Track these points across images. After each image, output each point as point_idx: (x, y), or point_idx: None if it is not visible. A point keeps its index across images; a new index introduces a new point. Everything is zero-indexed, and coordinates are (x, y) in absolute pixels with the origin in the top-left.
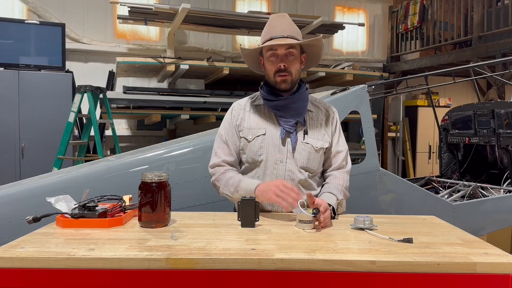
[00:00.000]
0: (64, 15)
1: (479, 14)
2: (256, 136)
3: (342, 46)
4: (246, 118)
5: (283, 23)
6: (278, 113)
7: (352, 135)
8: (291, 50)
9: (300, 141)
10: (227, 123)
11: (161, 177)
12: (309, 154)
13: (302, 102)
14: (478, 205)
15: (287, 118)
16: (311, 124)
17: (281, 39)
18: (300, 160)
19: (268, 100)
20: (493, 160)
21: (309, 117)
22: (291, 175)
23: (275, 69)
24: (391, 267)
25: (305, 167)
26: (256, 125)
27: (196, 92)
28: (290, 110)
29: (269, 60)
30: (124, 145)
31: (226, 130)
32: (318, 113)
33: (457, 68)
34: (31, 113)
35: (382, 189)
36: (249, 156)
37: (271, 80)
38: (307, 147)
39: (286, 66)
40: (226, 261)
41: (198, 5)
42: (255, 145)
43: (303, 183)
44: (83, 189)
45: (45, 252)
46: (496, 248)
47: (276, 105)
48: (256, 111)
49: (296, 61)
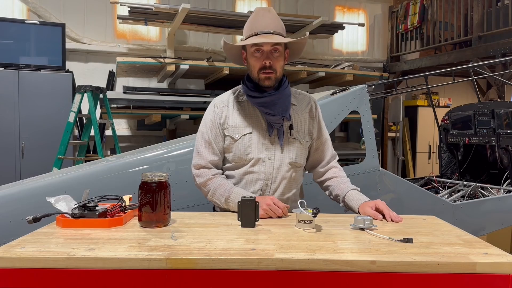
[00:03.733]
0: (64, 15)
1: (479, 14)
2: (243, 135)
3: (342, 46)
4: (230, 115)
5: (268, 18)
6: (264, 110)
7: (352, 135)
8: (276, 47)
9: (287, 137)
10: (209, 121)
11: (161, 177)
12: (296, 149)
13: (287, 97)
14: (478, 205)
15: (274, 114)
16: (295, 118)
17: (267, 36)
18: (288, 156)
19: (253, 97)
20: (493, 160)
21: (293, 111)
22: (279, 171)
23: (259, 65)
24: (391, 267)
25: (293, 162)
26: (242, 123)
27: (196, 92)
28: (276, 106)
29: (253, 56)
30: (124, 145)
31: (209, 128)
32: (300, 105)
33: (457, 68)
34: (31, 113)
35: (382, 189)
36: (236, 155)
37: (255, 76)
38: (295, 143)
39: (271, 63)
40: (226, 261)
41: (198, 5)
42: (242, 144)
43: (290, 177)
44: (83, 189)
45: (45, 252)
46: (496, 248)
47: (262, 102)
48: (240, 107)
49: (281, 57)
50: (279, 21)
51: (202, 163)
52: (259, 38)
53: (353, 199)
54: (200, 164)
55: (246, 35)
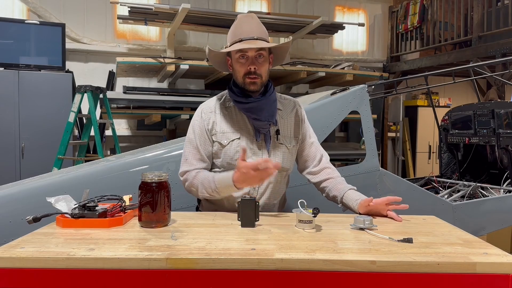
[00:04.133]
0: (64, 15)
1: (479, 14)
2: (231, 141)
3: (342, 46)
4: (218, 121)
5: (252, 24)
6: (251, 115)
7: (352, 135)
8: (261, 52)
9: (274, 142)
10: (197, 127)
11: (161, 177)
12: (283, 154)
13: (273, 102)
14: (478, 205)
15: (261, 120)
16: (282, 123)
17: (251, 41)
18: (275, 161)
19: (239, 102)
20: (493, 160)
21: (279, 116)
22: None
23: (244, 71)
24: (391, 267)
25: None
26: (230, 129)
27: (196, 92)
28: (263, 112)
29: (238, 62)
30: (124, 145)
31: (197, 134)
32: (286, 110)
33: (457, 68)
34: (31, 113)
35: (382, 189)
36: (225, 161)
37: (240, 81)
38: (281, 148)
39: (256, 68)
40: (226, 261)
41: (198, 5)
42: (231, 150)
43: (277, 182)
44: (83, 189)
45: (45, 252)
46: (496, 248)
47: (248, 108)
48: (227, 113)
49: (265, 62)
50: (262, 27)
51: (189, 169)
52: (244, 44)
53: (351, 199)
54: (186, 170)
55: (230, 42)
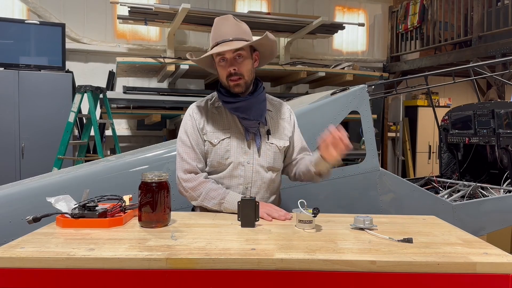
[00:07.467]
0: (64, 15)
1: (479, 14)
2: (221, 140)
3: (342, 46)
4: (208, 121)
5: (226, 26)
6: (240, 115)
7: (352, 135)
8: (239, 52)
9: (264, 142)
10: (189, 127)
11: (161, 177)
12: (274, 154)
13: (262, 102)
14: (478, 205)
15: (249, 119)
16: (272, 124)
17: (226, 43)
18: (266, 160)
19: (227, 102)
20: (493, 160)
21: (269, 117)
22: (258, 175)
23: (226, 73)
24: (391, 267)
25: (271, 166)
26: (220, 128)
27: (196, 92)
28: (251, 111)
29: (219, 65)
30: (124, 145)
31: (190, 134)
32: (276, 111)
33: (457, 68)
34: (31, 113)
35: (382, 189)
36: (215, 160)
37: (225, 84)
38: (272, 147)
39: (236, 69)
40: (226, 261)
41: (198, 5)
42: (221, 149)
43: (270, 181)
44: (83, 189)
45: (45, 252)
46: (496, 248)
47: (236, 107)
48: (217, 113)
49: (246, 61)
50: (239, 27)
51: (189, 168)
52: (219, 48)
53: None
54: (188, 169)
55: (210, 47)
